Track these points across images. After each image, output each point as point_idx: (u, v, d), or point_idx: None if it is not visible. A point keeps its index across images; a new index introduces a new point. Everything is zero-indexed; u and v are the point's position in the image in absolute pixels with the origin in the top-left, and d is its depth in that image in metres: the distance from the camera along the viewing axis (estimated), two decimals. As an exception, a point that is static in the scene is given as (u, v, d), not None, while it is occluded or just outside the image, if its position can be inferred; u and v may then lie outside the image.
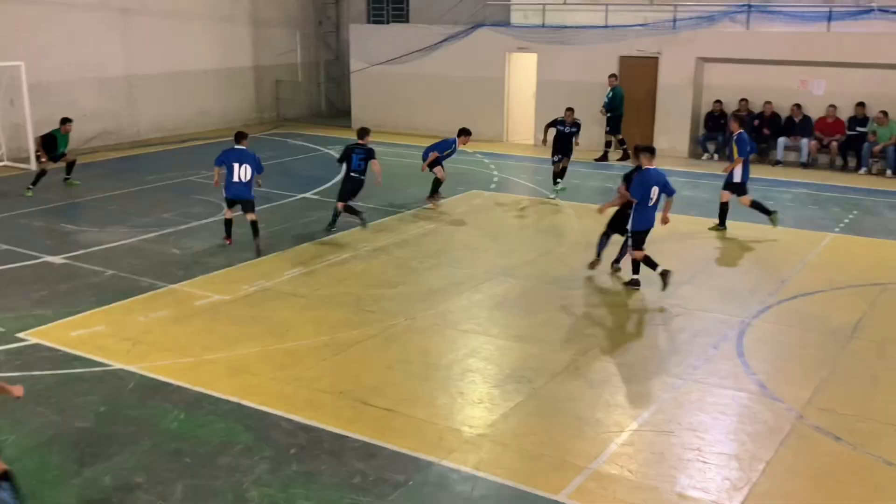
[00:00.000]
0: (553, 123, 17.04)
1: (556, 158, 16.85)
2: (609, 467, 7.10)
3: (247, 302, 10.95)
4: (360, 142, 14.27)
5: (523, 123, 23.43)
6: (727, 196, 14.35)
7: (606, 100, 20.83)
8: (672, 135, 21.47)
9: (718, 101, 21.01)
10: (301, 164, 20.31)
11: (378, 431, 7.60)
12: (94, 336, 9.73)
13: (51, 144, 17.04)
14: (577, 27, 22.21)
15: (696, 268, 12.51)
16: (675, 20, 21.31)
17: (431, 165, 16.13)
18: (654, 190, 11.19)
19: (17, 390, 6.42)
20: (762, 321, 10.44)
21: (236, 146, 13.30)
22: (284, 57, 27.50)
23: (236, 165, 12.96)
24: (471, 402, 8.27)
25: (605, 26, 21.83)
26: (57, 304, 10.74)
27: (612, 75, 21.02)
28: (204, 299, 10.99)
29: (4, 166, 18.73)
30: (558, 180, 16.91)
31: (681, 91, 21.23)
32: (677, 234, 13.66)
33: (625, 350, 9.54)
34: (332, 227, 14.14)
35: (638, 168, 11.46)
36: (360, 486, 6.75)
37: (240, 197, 13.08)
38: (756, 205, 14.25)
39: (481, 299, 11.19)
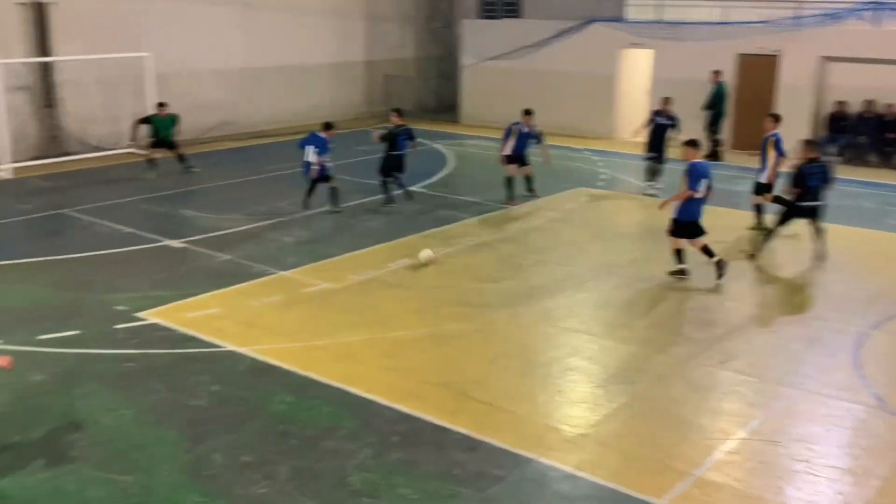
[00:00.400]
0: (651, 116, 16.81)
1: (648, 156, 16.61)
2: (713, 475, 6.93)
3: (354, 291, 11.17)
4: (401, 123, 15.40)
5: (634, 121, 23.01)
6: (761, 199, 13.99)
7: (710, 96, 20.27)
8: (791, 136, 20.58)
9: (842, 102, 20.12)
10: (408, 158, 20.48)
11: (479, 425, 7.64)
12: (209, 318, 10.13)
13: (152, 128, 17.62)
14: (694, 23, 21.65)
15: (813, 274, 12.04)
16: (797, 17, 20.51)
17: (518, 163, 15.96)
18: (703, 183, 11.31)
19: (4, 360, 6.74)
20: (882, 332, 9.97)
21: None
22: (396, 52, 27.86)
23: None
24: (572, 401, 8.22)
25: (724, 23, 21.21)
26: (175, 286, 11.22)
27: (715, 71, 20.42)
28: (313, 287, 11.28)
29: (130, 153, 19.65)
30: (653, 178, 16.57)
31: (802, 91, 20.43)
32: (791, 238, 13.17)
33: (734, 356, 9.28)
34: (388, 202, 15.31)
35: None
36: (459, 478, 6.80)
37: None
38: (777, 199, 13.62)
39: (585, 298, 11.09)
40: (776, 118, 14.20)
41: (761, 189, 13.96)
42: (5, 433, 7.39)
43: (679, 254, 11.67)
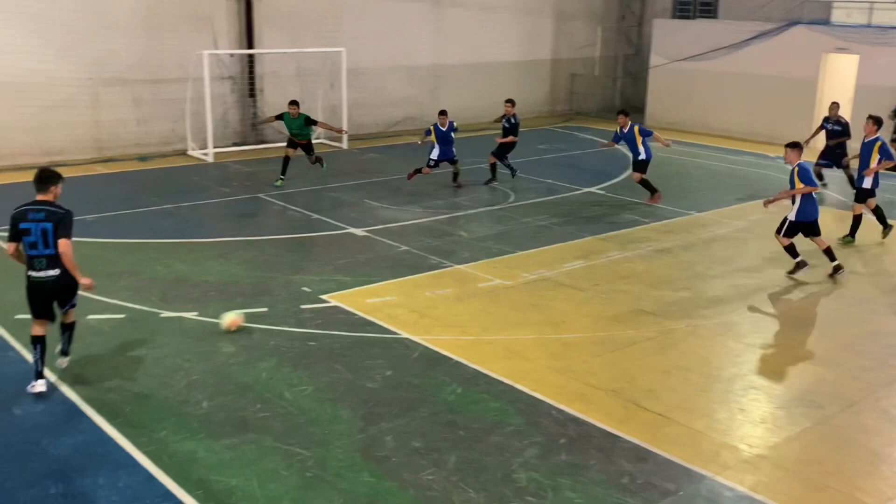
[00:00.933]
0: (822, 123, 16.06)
1: (819, 162, 15.71)
2: (908, 515, 6.38)
3: (526, 289, 11.14)
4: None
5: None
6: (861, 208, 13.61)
7: None
8: None
9: None
10: (588, 159, 20.29)
11: (650, 435, 7.41)
12: (385, 305, 10.41)
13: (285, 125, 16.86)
14: (908, 27, 20.07)
15: None
16: None
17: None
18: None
19: (87, 280, 7.70)
20: None
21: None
22: (583, 51, 27.58)
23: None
24: (752, 421, 7.80)
25: (944, 27, 19.52)
26: (356, 272, 11.61)
27: None
28: (486, 282, 11.35)
29: (320, 143, 20.55)
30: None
31: None
32: None
33: (937, 388, 8.50)
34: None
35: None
36: (627, 488, 6.62)
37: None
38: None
39: (771, 313, 10.51)
40: (878, 122, 13.43)
41: (863, 195, 13.49)
42: (196, 399, 7.90)
43: (791, 248, 11.78)
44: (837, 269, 11.74)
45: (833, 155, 16.36)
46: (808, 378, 8.74)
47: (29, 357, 8.41)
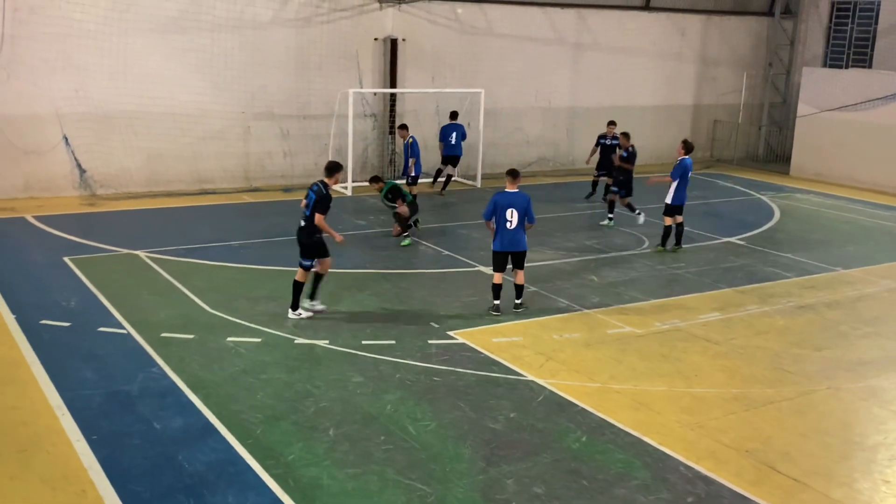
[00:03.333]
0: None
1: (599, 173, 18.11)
2: None
3: (658, 339, 10.86)
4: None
5: None
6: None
7: None
8: None
9: None
10: (730, 207, 19.68)
11: (783, 501, 7.04)
12: (512, 345, 10.37)
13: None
14: None
15: None
16: None
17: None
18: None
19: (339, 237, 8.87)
20: None
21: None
22: (726, 97, 26.91)
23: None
24: (898, 495, 7.29)
25: None
26: (484, 310, 11.63)
27: None
28: (616, 329, 11.14)
29: (456, 181, 20.83)
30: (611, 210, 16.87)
31: None
32: None
33: None
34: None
35: None
36: (757, 555, 6.29)
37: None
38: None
39: (924, 381, 9.81)
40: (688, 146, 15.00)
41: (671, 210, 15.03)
42: (323, 426, 8.08)
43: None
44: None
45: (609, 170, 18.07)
46: (964, 454, 8.09)
47: (171, 373, 8.93)
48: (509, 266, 11.60)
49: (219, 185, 19.35)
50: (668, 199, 14.95)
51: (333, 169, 11.19)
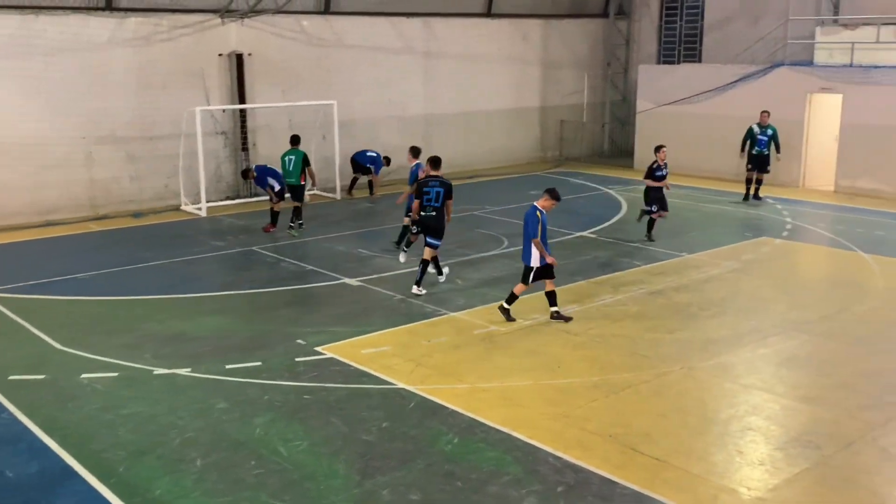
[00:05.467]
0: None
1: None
2: (911, 555, 6.32)
3: (521, 335, 11.14)
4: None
5: (822, 168, 21.86)
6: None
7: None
8: None
9: None
10: (580, 203, 20.42)
11: (648, 481, 7.36)
12: (381, 355, 10.39)
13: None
14: (890, 67, 20.36)
15: None
16: None
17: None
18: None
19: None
20: None
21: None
22: (571, 98, 27.91)
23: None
24: (750, 463, 7.76)
25: (925, 65, 19.83)
26: (351, 323, 11.61)
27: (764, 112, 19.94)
28: (482, 329, 11.35)
29: (314, 195, 20.67)
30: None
31: None
32: None
33: (935, 425, 8.48)
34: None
35: None
36: (626, 535, 6.56)
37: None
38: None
39: (767, 354, 10.50)
40: (416, 152, 15.53)
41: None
42: (190, 457, 7.84)
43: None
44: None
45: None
46: (804, 418, 8.71)
47: (22, 417, 8.44)
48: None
49: (64, 216, 18.44)
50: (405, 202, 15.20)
51: (438, 161, 13.42)
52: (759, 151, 20.00)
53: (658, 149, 16.33)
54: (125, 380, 9.69)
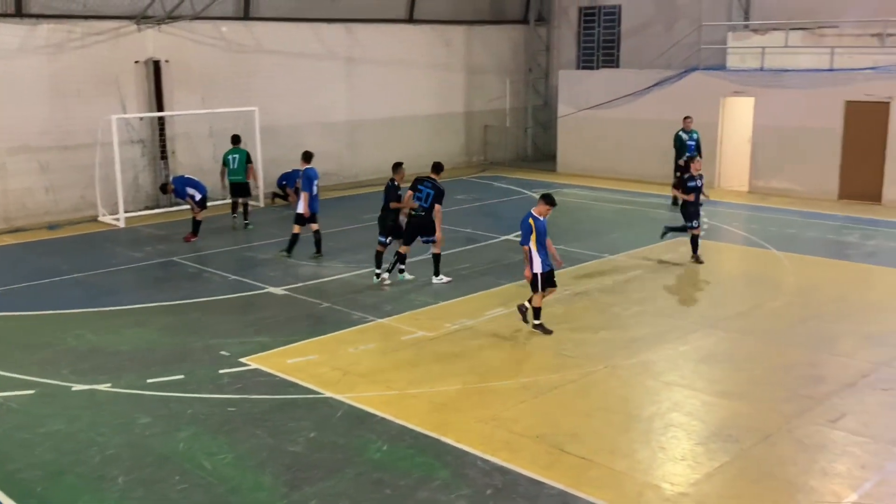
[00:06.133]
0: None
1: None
2: (825, 541, 6.57)
3: (449, 339, 11.19)
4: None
5: (737, 170, 22.56)
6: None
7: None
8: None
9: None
10: (505, 207, 20.61)
11: (575, 480, 7.48)
12: (308, 364, 10.30)
13: None
14: (799, 70, 21.16)
15: (931, 330, 11.42)
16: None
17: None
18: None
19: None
20: None
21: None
22: (494, 103, 28.17)
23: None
24: (673, 459, 7.95)
25: (831, 70, 20.64)
26: (276, 332, 11.48)
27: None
28: (409, 335, 11.36)
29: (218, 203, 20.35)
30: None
31: (915, 138, 19.61)
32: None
33: (844, 414, 8.83)
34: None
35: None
36: (554, 534, 6.65)
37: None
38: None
39: (687, 351, 10.78)
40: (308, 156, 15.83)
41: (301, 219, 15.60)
42: (111, 475, 7.64)
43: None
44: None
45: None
46: (724, 413, 8.97)
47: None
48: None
49: (-26, 229, 17.77)
50: (300, 209, 15.28)
51: (437, 166, 13.63)
52: (690, 157, 20.25)
53: (691, 159, 15.32)
54: (42, 397, 9.38)
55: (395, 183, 13.73)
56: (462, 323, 11.78)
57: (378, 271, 13.76)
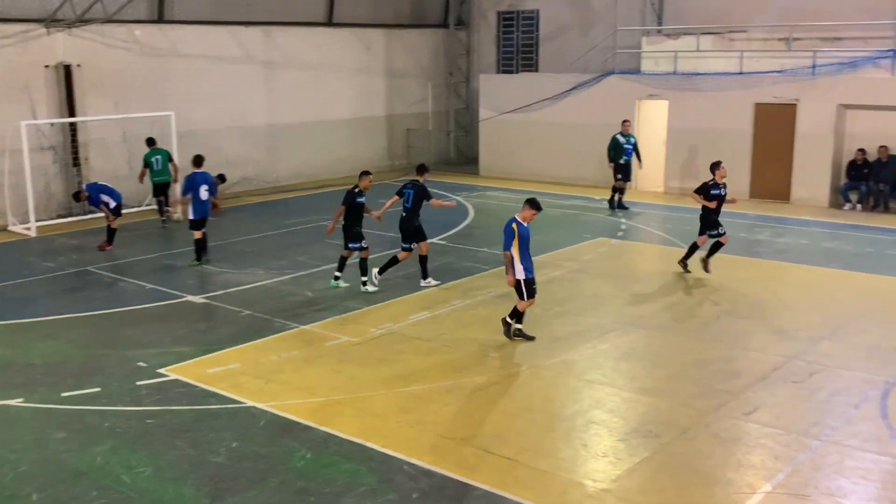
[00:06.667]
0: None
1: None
2: (740, 531, 6.78)
3: (374, 344, 11.16)
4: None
5: (653, 171, 23.10)
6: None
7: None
8: (811, 184, 20.67)
9: (862, 150, 20.07)
10: (428, 210, 20.59)
11: (500, 481, 7.54)
12: (229, 373, 10.13)
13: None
14: (709, 74, 21.81)
15: (838, 322, 11.90)
16: (814, 66, 20.60)
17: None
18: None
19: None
20: (911, 382, 9.79)
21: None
22: (416, 106, 28.22)
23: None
24: (595, 455, 8.10)
25: (740, 73, 21.34)
26: (196, 341, 11.26)
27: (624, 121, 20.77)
28: (333, 341, 11.28)
29: (153, 209, 19.90)
30: None
31: (821, 139, 20.41)
32: (815, 287, 13.07)
33: (758, 407, 9.13)
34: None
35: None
36: (480, 535, 6.69)
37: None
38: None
39: (607, 349, 11.00)
40: (199, 160, 15.56)
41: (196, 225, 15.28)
42: (24, 492, 7.38)
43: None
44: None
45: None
46: (643, 409, 9.18)
47: None
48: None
49: None
50: (191, 215, 15.06)
51: (421, 167, 14.54)
52: (627, 160, 20.27)
53: (717, 165, 14.17)
54: (-52, 416, 9.00)
55: (356, 189, 13.66)
56: (386, 327, 11.77)
57: (364, 278, 13.53)
